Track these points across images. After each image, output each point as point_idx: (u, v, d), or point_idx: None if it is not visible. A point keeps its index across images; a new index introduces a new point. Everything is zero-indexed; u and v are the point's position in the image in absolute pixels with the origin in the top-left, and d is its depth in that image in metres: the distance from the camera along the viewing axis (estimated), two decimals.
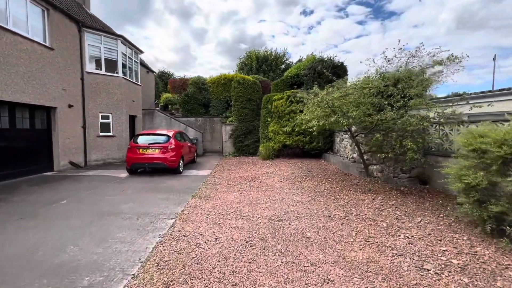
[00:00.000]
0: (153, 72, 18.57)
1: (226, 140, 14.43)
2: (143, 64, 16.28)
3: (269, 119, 11.99)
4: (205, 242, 3.46)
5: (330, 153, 11.27)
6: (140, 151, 8.09)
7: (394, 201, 5.07)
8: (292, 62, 35.59)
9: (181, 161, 8.89)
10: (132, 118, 13.10)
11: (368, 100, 5.75)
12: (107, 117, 11.25)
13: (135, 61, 13.14)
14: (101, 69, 10.99)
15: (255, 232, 3.77)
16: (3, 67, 6.92)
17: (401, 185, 6.14)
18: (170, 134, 8.62)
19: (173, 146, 8.32)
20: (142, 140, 8.40)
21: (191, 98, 16.22)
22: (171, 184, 7.06)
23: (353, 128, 7.02)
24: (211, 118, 16.12)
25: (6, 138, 7.34)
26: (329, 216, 4.38)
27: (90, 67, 10.66)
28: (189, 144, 10.41)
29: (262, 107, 12.54)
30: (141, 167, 8.20)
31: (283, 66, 34.04)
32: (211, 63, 75.78)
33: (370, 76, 6.89)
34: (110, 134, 11.31)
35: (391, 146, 5.59)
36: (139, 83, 13.50)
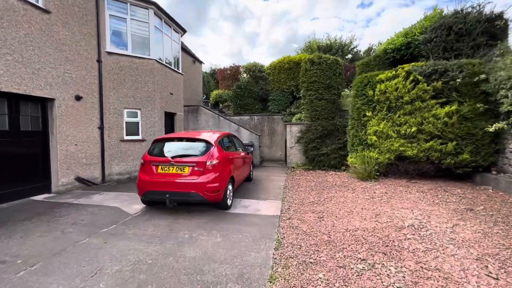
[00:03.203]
0: (200, 62, 15.66)
1: (292, 145, 10.24)
2: (187, 51, 13.35)
3: (368, 113, 7.32)
4: None
5: (497, 173, 5.98)
6: (159, 170, 4.48)
7: None
8: (360, 51, 29.75)
9: (230, 187, 5.03)
10: (170, 117, 10.01)
11: None
12: (135, 115, 8.24)
13: (174, 41, 10.03)
14: (126, 49, 8.03)
15: None
16: None
17: None
18: (212, 139, 4.82)
19: (215, 162, 4.49)
20: (163, 150, 4.82)
21: (244, 91, 12.57)
22: (204, 252, 3.17)
23: None
24: (270, 116, 12.18)
25: None
26: None
27: (111, 45, 7.77)
28: (242, 153, 6.55)
29: (354, 95, 7.94)
30: (159, 198, 4.55)
31: (349, 56, 28.45)
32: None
33: None
34: (139, 137, 8.27)
35: None
36: (180, 71, 10.37)
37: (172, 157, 4.45)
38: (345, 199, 5.40)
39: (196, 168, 4.37)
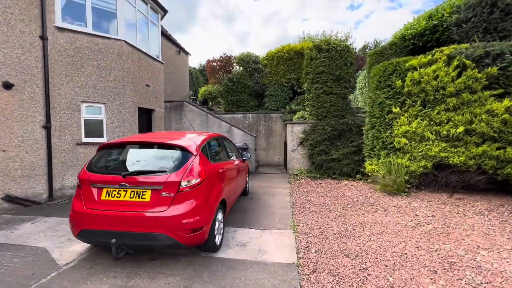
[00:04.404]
0: (187, 53, 13.85)
1: (294, 148, 8.65)
2: (170, 39, 11.51)
3: (395, 109, 5.79)
4: None
5: None
6: (103, 195, 2.75)
7: None
8: (356, 48, 28.65)
9: (220, 215, 3.36)
10: (147, 114, 8.22)
11: None
12: (98, 111, 6.43)
13: (152, 22, 8.24)
14: (85, 25, 6.21)
15: None
16: None
17: None
18: (192, 145, 3.12)
19: (196, 181, 2.81)
20: (114, 162, 3.10)
21: (237, 85, 10.88)
22: None
23: None
24: (266, 114, 10.55)
25: None
26: None
27: (64, 19, 5.94)
28: (237, 161, 4.88)
29: (373, 88, 6.41)
30: (103, 242, 2.81)
31: None
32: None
33: None
34: (103, 139, 6.46)
35: None
36: (160, 59, 8.59)
37: (125, 175, 2.73)
38: (382, 228, 3.83)
39: (164, 193, 2.67)
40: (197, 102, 14.98)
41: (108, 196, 2.72)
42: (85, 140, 6.19)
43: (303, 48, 9.86)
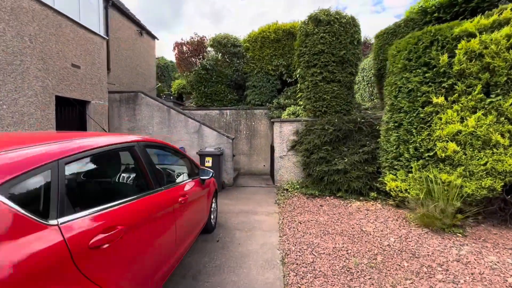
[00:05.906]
0: (153, 37, 11.44)
1: (284, 154, 6.57)
2: (127, 15, 9.02)
3: (437, 99, 3.81)
4: None
5: None
6: None
7: None
8: None
9: None
10: (80, 106, 5.86)
11: None
12: None
13: None
14: None
15: None
16: None
17: None
18: None
19: None
20: None
21: (211, 73, 8.65)
22: None
23: None
24: (248, 110, 8.42)
25: None
26: None
27: None
28: (188, 185, 2.71)
29: (398, 69, 4.40)
30: None
31: None
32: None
33: None
34: None
35: None
36: (101, 34, 6.24)
37: None
38: None
39: None
40: (171, 98, 12.68)
41: None
42: None
43: (294, 26, 7.82)
